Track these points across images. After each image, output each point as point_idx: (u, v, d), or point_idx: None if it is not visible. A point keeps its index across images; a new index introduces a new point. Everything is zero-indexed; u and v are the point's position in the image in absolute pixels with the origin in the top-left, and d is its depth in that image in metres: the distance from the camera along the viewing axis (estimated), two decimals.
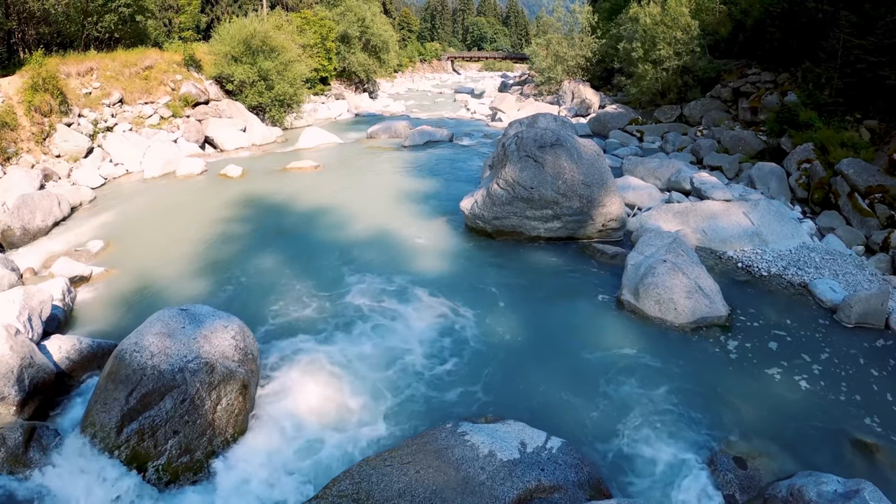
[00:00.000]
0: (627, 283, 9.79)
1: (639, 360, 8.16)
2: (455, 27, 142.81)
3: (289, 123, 29.50)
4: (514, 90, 48.30)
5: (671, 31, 26.21)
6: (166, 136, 22.19)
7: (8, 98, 17.70)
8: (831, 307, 9.65)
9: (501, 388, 7.63)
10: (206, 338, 6.74)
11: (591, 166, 12.25)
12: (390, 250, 11.97)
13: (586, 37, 39.28)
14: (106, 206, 15.37)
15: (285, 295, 10.02)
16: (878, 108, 15.38)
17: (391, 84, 64.76)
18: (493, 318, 9.28)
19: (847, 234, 12.03)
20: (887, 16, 15.19)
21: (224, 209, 14.83)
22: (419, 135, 24.65)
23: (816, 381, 7.81)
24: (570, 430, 6.71)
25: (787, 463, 6.33)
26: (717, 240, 11.98)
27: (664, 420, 6.97)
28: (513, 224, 12.21)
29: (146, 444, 5.95)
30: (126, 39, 28.23)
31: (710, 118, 23.55)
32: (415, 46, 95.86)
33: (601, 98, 32.82)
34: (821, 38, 17.98)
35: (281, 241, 12.64)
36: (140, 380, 6.15)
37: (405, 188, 16.83)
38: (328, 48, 39.66)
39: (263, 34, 28.14)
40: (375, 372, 7.85)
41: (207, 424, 6.24)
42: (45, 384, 6.83)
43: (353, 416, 7.00)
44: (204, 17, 42.73)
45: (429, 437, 6.11)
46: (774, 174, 15.12)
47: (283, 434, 6.64)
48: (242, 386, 6.66)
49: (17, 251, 12.20)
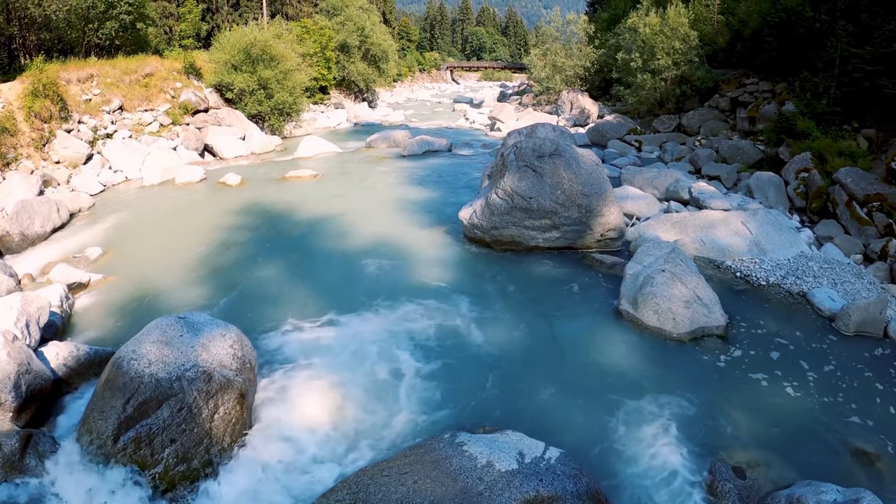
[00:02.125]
0: (626, 292, 9.78)
1: (637, 370, 8.15)
2: (454, 37, 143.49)
3: (288, 132, 29.58)
4: (513, 100, 48.51)
5: (670, 40, 26.34)
6: (166, 144, 22.23)
7: (8, 103, 17.74)
8: (830, 316, 9.65)
9: (500, 397, 7.60)
10: (203, 346, 6.72)
11: (590, 176, 12.27)
12: (388, 260, 11.96)
13: (584, 47, 39.46)
14: (105, 212, 15.38)
15: (283, 304, 10.00)
16: (876, 117, 15.45)
17: (390, 93, 64.97)
18: (491, 328, 9.26)
19: (845, 243, 12.05)
20: (884, 25, 15.28)
21: (223, 217, 14.84)
22: (418, 144, 24.71)
23: (815, 389, 7.80)
24: (569, 441, 6.68)
25: (786, 472, 6.31)
26: (716, 249, 11.99)
27: (663, 430, 6.95)
28: (511, 234, 12.21)
29: (143, 453, 5.92)
30: (126, 47, 28.35)
31: (708, 128, 23.64)
32: (414, 56, 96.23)
33: (600, 108, 32.94)
34: (818, 47, 18.10)
35: (280, 250, 12.63)
36: (137, 388, 6.13)
37: (404, 197, 16.85)
38: (328, 57, 39.83)
39: (263, 43, 28.24)
40: (372, 381, 7.83)
41: (205, 433, 6.21)
42: (42, 391, 6.80)
43: (351, 426, 6.97)
44: (204, 25, 42.92)
45: (426, 447, 6.09)
46: (772, 183, 15.17)
47: (281, 443, 6.61)
48: (240, 395, 6.64)
49: (16, 257, 12.21)
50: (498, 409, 7.35)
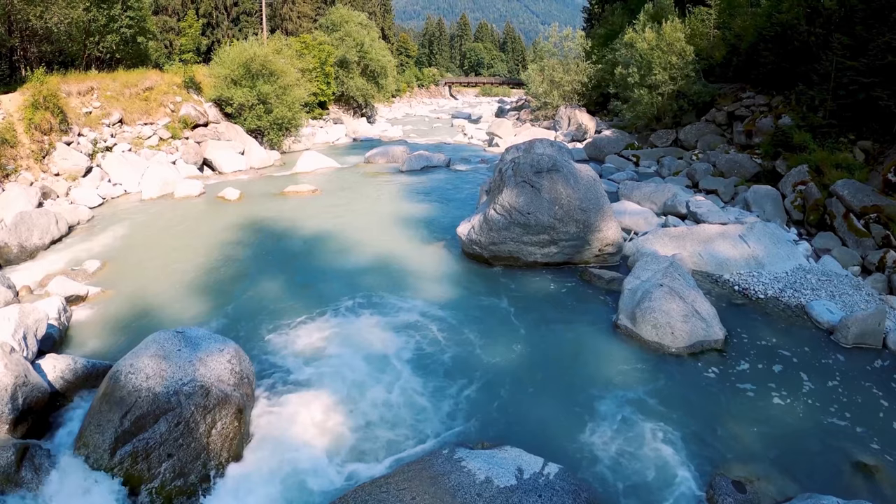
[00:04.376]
0: (624, 307, 9.78)
1: (636, 385, 8.12)
2: (452, 53, 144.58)
3: (287, 147, 29.71)
4: (511, 115, 48.80)
5: (666, 55, 26.56)
6: (165, 158, 22.32)
7: (8, 115, 17.82)
8: (828, 328, 9.66)
9: (498, 413, 7.56)
10: (201, 361, 6.70)
11: (588, 191, 12.31)
12: (387, 275, 11.94)
13: (581, 62, 39.74)
14: (104, 225, 15.39)
15: (281, 319, 9.98)
16: (872, 129, 15.53)
17: (389, 109, 65.33)
18: (489, 344, 9.23)
19: (843, 255, 12.08)
20: (879, 37, 15.40)
21: (221, 232, 14.84)
22: (416, 160, 24.81)
23: (815, 402, 7.79)
24: (568, 456, 6.65)
25: (786, 486, 6.27)
26: (714, 263, 12.01)
27: (662, 444, 6.92)
28: (509, 249, 12.21)
29: (140, 467, 5.88)
30: (127, 60, 28.56)
31: (705, 142, 23.76)
32: (413, 72, 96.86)
33: (597, 123, 33.14)
34: (814, 60, 18.23)
35: (278, 265, 12.62)
36: (135, 402, 6.10)
37: (402, 213, 16.87)
38: (327, 73, 40.09)
39: (263, 58, 28.44)
40: (370, 397, 7.79)
41: (202, 448, 6.17)
42: (38, 403, 6.76)
43: (348, 442, 6.93)
44: (204, 39, 43.29)
45: (424, 463, 6.05)
46: (770, 197, 15.23)
47: (279, 459, 6.56)
48: (238, 410, 6.60)
49: (14, 268, 12.18)
50: (496, 425, 7.31)
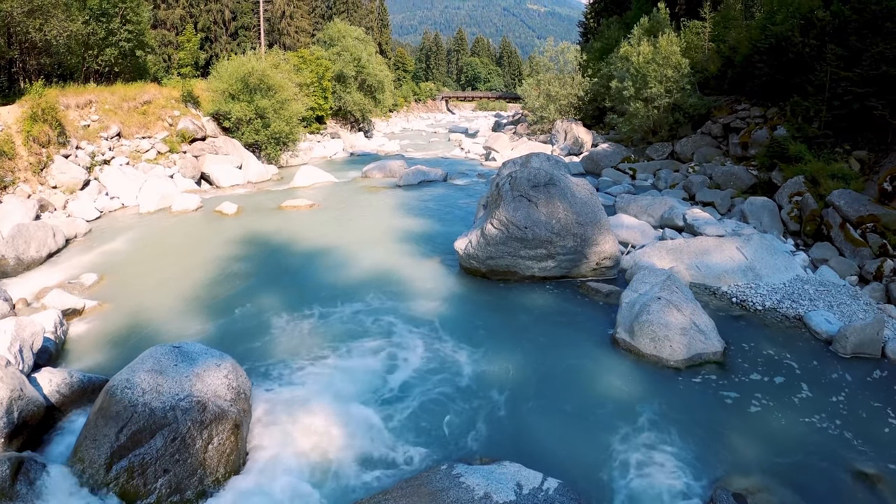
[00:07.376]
0: (622, 321, 9.77)
1: (635, 399, 8.09)
2: (449, 67, 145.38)
3: (284, 161, 29.75)
4: (508, 129, 48.89)
5: (662, 69, 26.77)
6: (163, 171, 22.33)
7: (7, 127, 17.84)
8: (827, 338, 9.66)
9: (497, 428, 7.51)
10: (198, 376, 6.66)
11: (585, 205, 12.33)
12: (384, 291, 11.91)
13: (577, 76, 39.95)
14: (101, 239, 15.36)
15: (279, 334, 9.94)
16: (867, 139, 15.63)
17: (386, 123, 65.44)
18: (487, 359, 9.20)
19: (840, 265, 12.11)
20: (872, 47, 15.51)
21: (219, 247, 14.82)
22: (414, 174, 24.87)
23: (814, 412, 7.76)
24: (568, 471, 6.59)
25: (787, 497, 6.23)
26: (711, 275, 12.02)
27: (662, 458, 6.88)
28: (507, 264, 12.21)
29: (135, 482, 5.82)
30: (125, 74, 28.65)
31: (701, 154, 23.89)
32: (410, 86, 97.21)
33: (594, 136, 33.26)
34: (808, 72, 18.38)
35: (275, 280, 12.59)
36: (131, 417, 6.06)
37: (400, 228, 16.88)
38: (324, 87, 40.25)
39: (261, 72, 28.57)
40: (368, 412, 7.74)
41: (198, 464, 6.12)
42: (34, 417, 6.71)
43: (346, 457, 6.87)
44: (203, 54, 43.46)
45: (423, 479, 6.01)
46: (766, 208, 15.28)
47: (275, 475, 6.50)
48: (234, 425, 6.55)
49: (11, 281, 12.15)
50: (495, 440, 7.26)
